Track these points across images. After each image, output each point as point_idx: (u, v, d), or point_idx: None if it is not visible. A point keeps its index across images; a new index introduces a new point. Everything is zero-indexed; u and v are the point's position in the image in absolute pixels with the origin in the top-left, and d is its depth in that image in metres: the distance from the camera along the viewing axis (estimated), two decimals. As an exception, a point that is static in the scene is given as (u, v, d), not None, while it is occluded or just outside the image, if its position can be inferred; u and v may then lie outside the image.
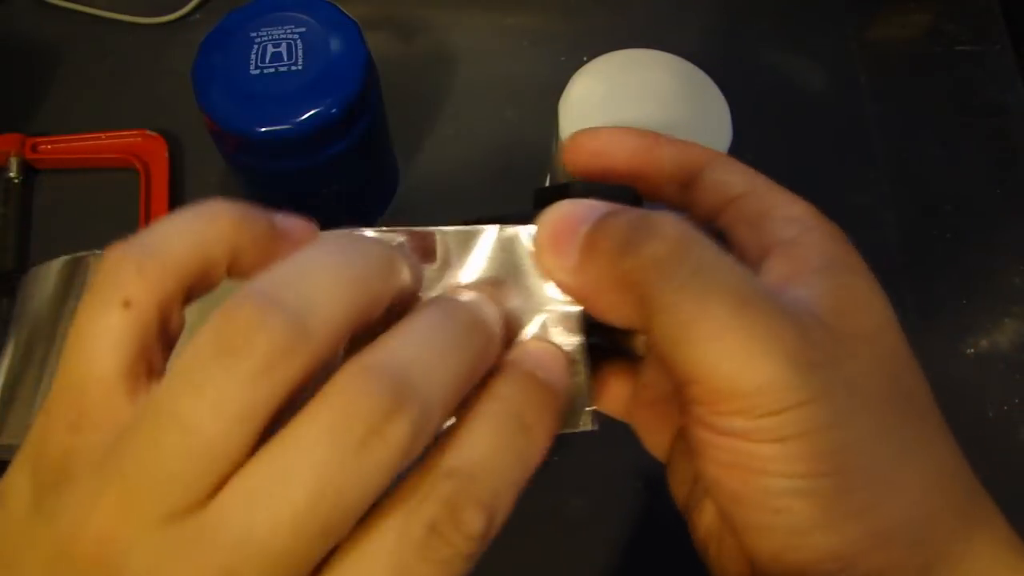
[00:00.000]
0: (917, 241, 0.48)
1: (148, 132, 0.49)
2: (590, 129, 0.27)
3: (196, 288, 0.18)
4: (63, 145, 0.49)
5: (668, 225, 0.20)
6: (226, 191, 0.50)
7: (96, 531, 0.16)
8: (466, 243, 0.21)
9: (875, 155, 0.51)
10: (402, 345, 0.18)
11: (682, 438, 0.24)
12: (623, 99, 0.40)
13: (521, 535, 0.42)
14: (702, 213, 0.25)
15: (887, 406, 0.20)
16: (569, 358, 0.21)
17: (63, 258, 0.22)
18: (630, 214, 0.20)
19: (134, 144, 0.49)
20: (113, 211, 0.48)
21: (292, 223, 0.20)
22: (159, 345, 0.18)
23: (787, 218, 0.23)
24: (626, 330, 0.20)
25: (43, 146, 0.49)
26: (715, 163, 0.25)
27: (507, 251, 0.21)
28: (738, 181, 0.24)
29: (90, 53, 0.53)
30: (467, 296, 0.21)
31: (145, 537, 0.16)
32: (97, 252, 0.22)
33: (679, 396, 0.20)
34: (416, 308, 0.20)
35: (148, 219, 0.47)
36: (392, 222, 0.50)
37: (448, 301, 0.20)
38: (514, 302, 0.21)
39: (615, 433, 0.27)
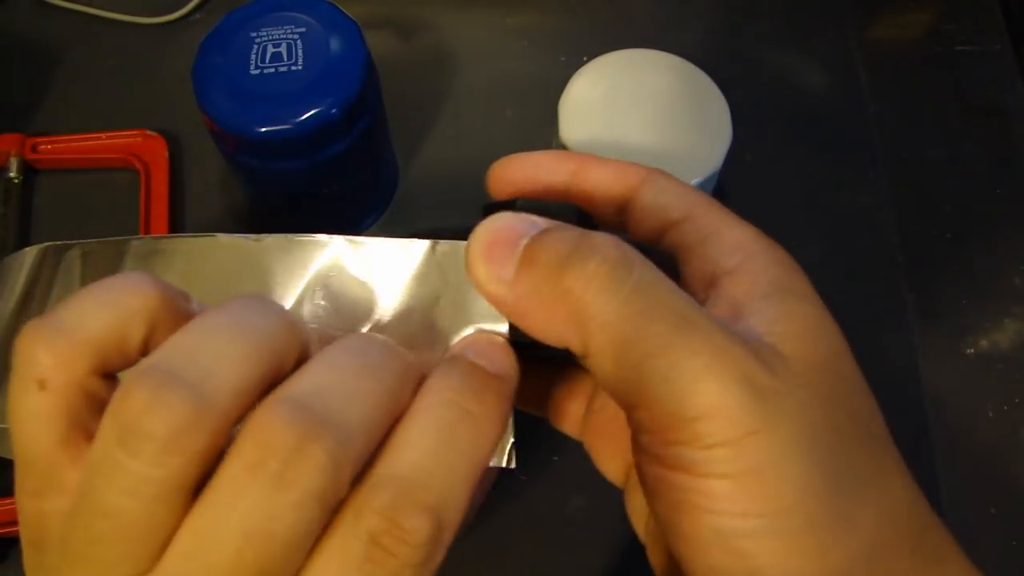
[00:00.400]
0: (917, 241, 0.48)
1: (148, 132, 0.49)
2: (511, 157, 0.26)
3: (114, 363, 0.18)
4: (63, 145, 0.49)
5: (609, 245, 0.19)
6: (226, 191, 0.50)
7: None
8: (400, 256, 0.21)
9: (875, 155, 0.51)
10: (312, 376, 0.18)
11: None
12: (623, 99, 0.40)
13: (521, 535, 0.42)
14: (641, 237, 0.24)
15: (840, 436, 0.19)
16: (506, 346, 0.21)
17: (35, 247, 0.22)
18: (571, 231, 0.20)
19: (134, 144, 0.49)
20: (113, 211, 0.49)
21: (205, 306, 0.19)
22: (90, 412, 0.18)
23: (729, 245, 0.22)
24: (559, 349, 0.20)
25: (43, 146, 0.49)
26: (649, 184, 0.24)
27: (439, 267, 0.21)
28: (675, 204, 0.23)
29: (90, 53, 0.53)
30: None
31: None
32: (61, 243, 0.22)
33: (629, 427, 0.20)
34: (333, 342, 0.19)
35: (148, 219, 0.47)
36: (392, 222, 0.50)
37: (362, 332, 0.20)
38: (442, 321, 0.21)
39: (615, 433, 0.27)
